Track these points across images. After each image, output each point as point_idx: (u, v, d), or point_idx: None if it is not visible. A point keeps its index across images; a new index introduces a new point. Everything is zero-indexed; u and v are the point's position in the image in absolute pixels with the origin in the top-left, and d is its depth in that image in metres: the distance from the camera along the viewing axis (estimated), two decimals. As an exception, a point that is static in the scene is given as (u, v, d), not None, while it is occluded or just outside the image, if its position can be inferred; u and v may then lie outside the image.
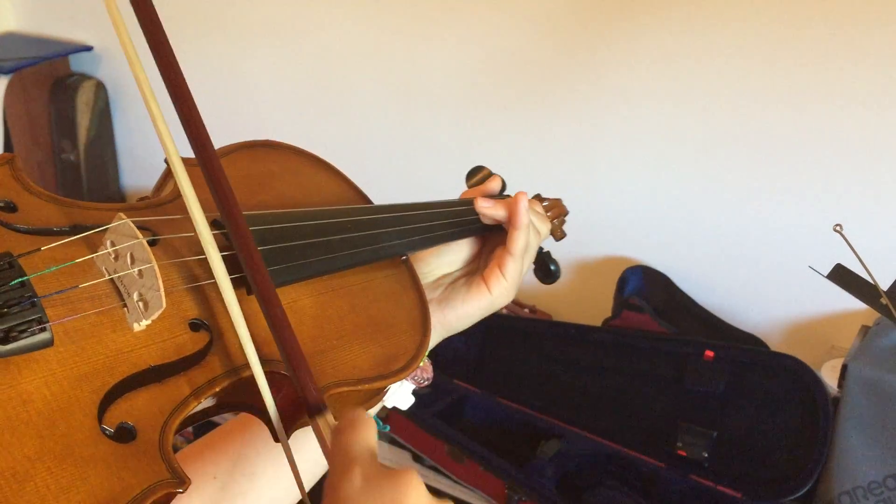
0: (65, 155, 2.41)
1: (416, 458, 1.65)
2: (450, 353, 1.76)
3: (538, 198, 0.86)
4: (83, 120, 2.39)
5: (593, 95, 1.76)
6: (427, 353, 0.74)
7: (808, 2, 1.48)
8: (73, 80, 2.38)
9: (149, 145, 2.42)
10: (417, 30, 1.91)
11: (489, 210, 0.77)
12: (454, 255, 0.80)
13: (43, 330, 0.46)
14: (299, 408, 0.53)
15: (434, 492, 0.44)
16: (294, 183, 0.72)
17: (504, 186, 0.84)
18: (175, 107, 0.55)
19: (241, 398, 0.56)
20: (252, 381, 0.54)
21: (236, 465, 0.70)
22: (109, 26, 0.56)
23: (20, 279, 0.47)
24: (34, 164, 2.37)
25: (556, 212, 0.89)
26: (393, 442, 1.70)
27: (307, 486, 0.73)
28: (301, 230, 0.64)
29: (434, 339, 0.73)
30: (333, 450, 0.46)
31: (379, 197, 0.78)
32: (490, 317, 2.02)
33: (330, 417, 0.50)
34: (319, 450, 0.49)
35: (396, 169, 2.10)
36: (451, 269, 0.80)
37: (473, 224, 0.79)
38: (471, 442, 1.57)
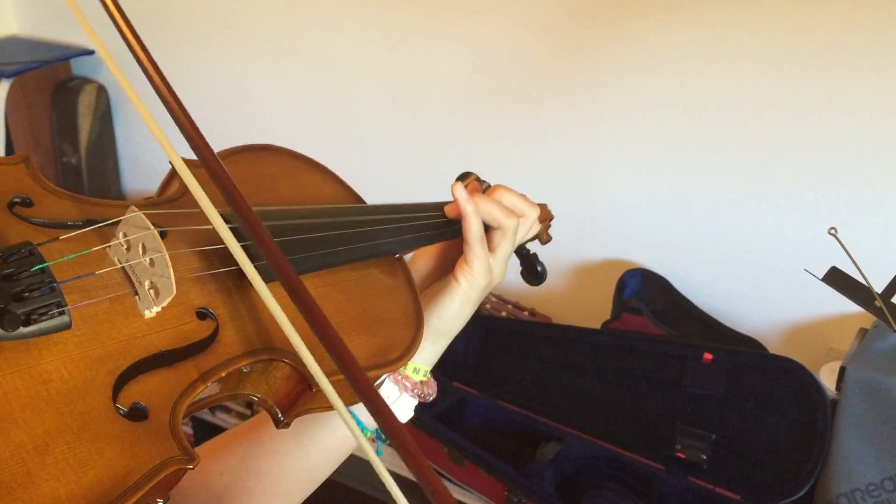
0: (66, 158, 2.42)
1: (416, 461, 1.66)
2: (449, 356, 1.76)
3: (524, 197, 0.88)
4: (84, 123, 2.40)
5: (592, 100, 1.77)
6: (430, 370, 0.76)
7: (806, 9, 1.49)
8: (75, 83, 2.38)
9: (150, 148, 2.42)
10: (417, 35, 1.92)
11: (448, 209, 0.79)
12: (425, 260, 0.83)
13: (62, 313, 0.49)
14: (300, 395, 0.57)
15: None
16: (292, 184, 0.75)
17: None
18: (166, 108, 0.58)
19: (242, 386, 0.59)
20: (251, 369, 0.57)
21: (243, 462, 0.73)
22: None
23: (40, 265, 0.49)
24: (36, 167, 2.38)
25: (541, 216, 0.90)
26: (393, 444, 1.70)
27: (316, 482, 0.76)
28: (303, 226, 0.67)
29: (428, 349, 0.75)
30: None
31: (381, 198, 0.79)
32: (489, 320, 2.02)
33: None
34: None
35: (398, 171, 2.10)
36: (422, 272, 0.83)
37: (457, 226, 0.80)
38: (470, 444, 1.57)
